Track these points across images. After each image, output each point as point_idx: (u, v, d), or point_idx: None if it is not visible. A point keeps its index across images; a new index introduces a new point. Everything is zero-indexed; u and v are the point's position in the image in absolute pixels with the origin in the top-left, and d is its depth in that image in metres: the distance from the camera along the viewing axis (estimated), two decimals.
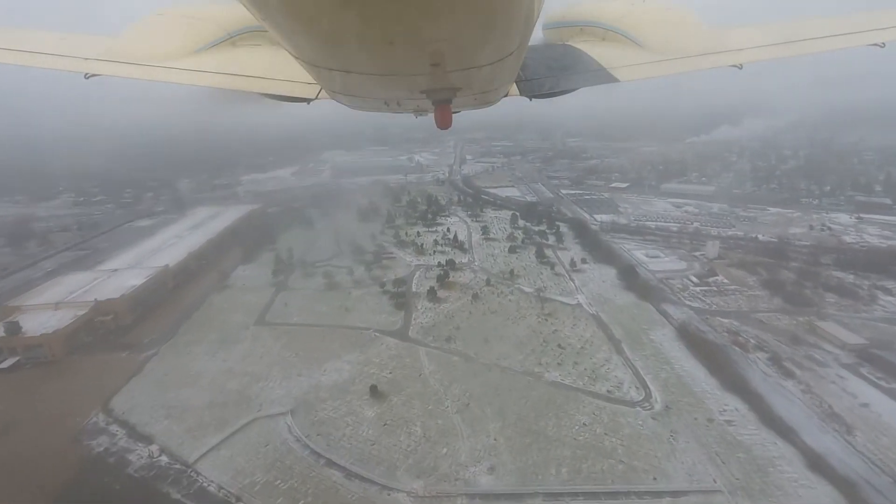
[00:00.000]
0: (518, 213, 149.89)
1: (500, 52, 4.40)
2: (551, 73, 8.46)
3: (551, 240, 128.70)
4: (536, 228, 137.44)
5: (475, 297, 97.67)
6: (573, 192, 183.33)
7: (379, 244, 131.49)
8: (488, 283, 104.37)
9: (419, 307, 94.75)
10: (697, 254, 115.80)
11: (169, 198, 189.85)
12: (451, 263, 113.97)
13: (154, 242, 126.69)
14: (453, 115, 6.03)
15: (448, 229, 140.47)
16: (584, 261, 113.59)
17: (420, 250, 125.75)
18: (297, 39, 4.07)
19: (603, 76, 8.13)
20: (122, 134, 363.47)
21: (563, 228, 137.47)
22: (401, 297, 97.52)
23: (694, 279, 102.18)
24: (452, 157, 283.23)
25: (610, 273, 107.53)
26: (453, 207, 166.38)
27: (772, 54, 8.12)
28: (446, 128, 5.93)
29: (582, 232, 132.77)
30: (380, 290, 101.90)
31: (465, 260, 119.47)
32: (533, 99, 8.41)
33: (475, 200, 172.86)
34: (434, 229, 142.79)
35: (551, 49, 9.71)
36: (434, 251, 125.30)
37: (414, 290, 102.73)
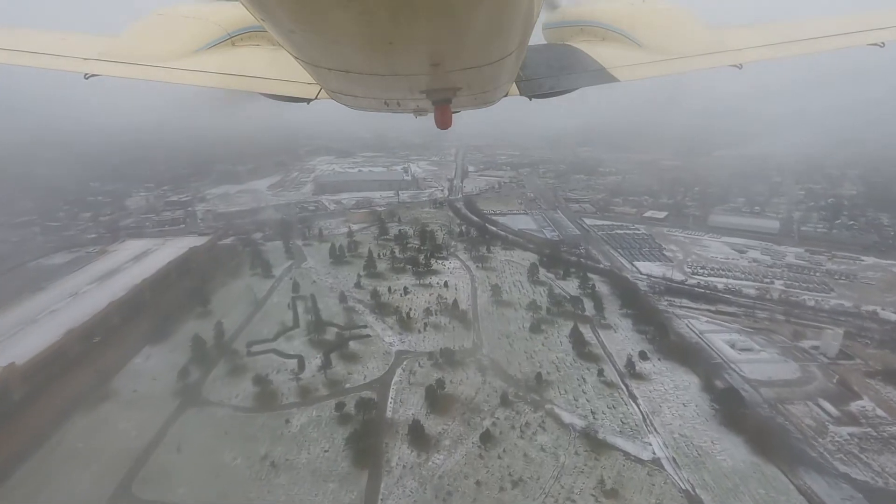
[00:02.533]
0: (537, 260, 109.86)
1: (499, 51, 4.24)
2: (551, 73, 8.08)
3: (587, 308, 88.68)
4: (565, 290, 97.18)
5: (486, 437, 57.72)
6: (600, 223, 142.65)
7: (350, 309, 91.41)
8: (504, 401, 64.53)
9: (394, 462, 54.84)
10: (808, 346, 75.79)
11: (108, 220, 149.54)
12: (447, 355, 74.17)
13: (35, 306, 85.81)
14: (453, 115, 5.74)
15: (445, 284, 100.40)
16: (644, 356, 73.64)
17: (405, 322, 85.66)
18: (298, 39, 3.88)
19: (603, 76, 7.83)
20: (95, 135, 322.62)
21: (601, 286, 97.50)
22: (366, 438, 57.56)
23: (826, 406, 62.24)
24: (453, 167, 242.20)
25: (689, 384, 67.68)
26: (453, 244, 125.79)
27: (772, 54, 7.83)
28: (446, 128, 5.72)
29: (627, 295, 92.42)
30: (336, 414, 61.98)
31: (468, 343, 79.55)
32: (533, 99, 7.99)
33: (481, 233, 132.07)
34: (427, 282, 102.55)
35: (551, 49, 9.27)
36: (425, 324, 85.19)
37: (389, 414, 62.79)
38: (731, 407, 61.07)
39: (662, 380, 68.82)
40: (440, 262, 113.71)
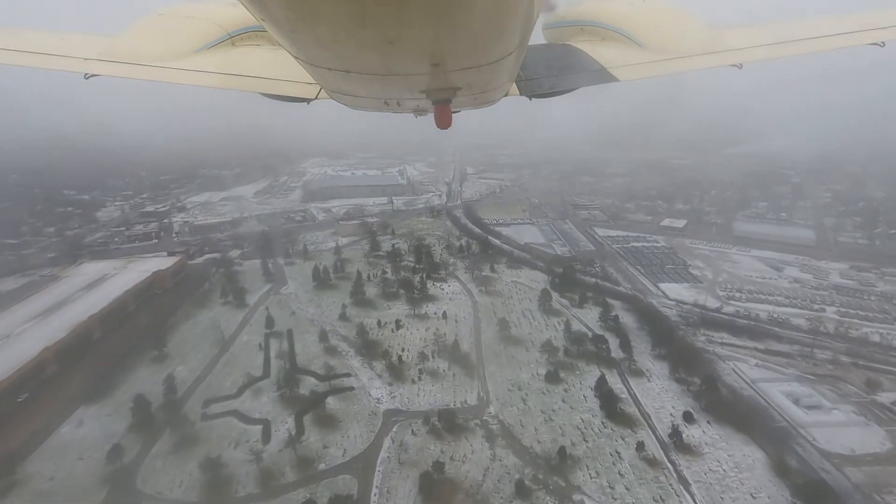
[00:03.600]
0: (548, 282, 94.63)
1: (499, 51, 4.14)
2: (551, 72, 7.92)
3: (612, 346, 73.42)
4: (584, 321, 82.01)
5: None
6: (614, 233, 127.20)
7: (331, 350, 76.19)
8: (521, 489, 49.35)
9: None
10: (888, 401, 60.72)
11: (73, 235, 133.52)
12: (447, 417, 59.02)
13: None
14: (453, 115, 5.65)
15: (444, 315, 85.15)
16: (689, 419, 58.53)
17: (397, 369, 70.48)
18: (298, 39, 3.82)
19: (603, 76, 7.66)
20: (85, 136, 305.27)
21: (624, 317, 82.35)
22: None
23: None
24: (450, 169, 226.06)
25: (753, 461, 52.49)
26: (452, 262, 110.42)
27: (772, 54, 7.69)
28: (446, 127, 5.62)
29: (658, 330, 76.99)
30: None
31: (472, 398, 64.46)
32: (533, 98, 7.83)
33: (482, 248, 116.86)
34: (423, 311, 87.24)
35: (551, 49, 9.03)
36: (420, 370, 69.99)
37: None
38: (809, 499, 46.08)
39: (718, 454, 53.66)
40: (437, 284, 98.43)
